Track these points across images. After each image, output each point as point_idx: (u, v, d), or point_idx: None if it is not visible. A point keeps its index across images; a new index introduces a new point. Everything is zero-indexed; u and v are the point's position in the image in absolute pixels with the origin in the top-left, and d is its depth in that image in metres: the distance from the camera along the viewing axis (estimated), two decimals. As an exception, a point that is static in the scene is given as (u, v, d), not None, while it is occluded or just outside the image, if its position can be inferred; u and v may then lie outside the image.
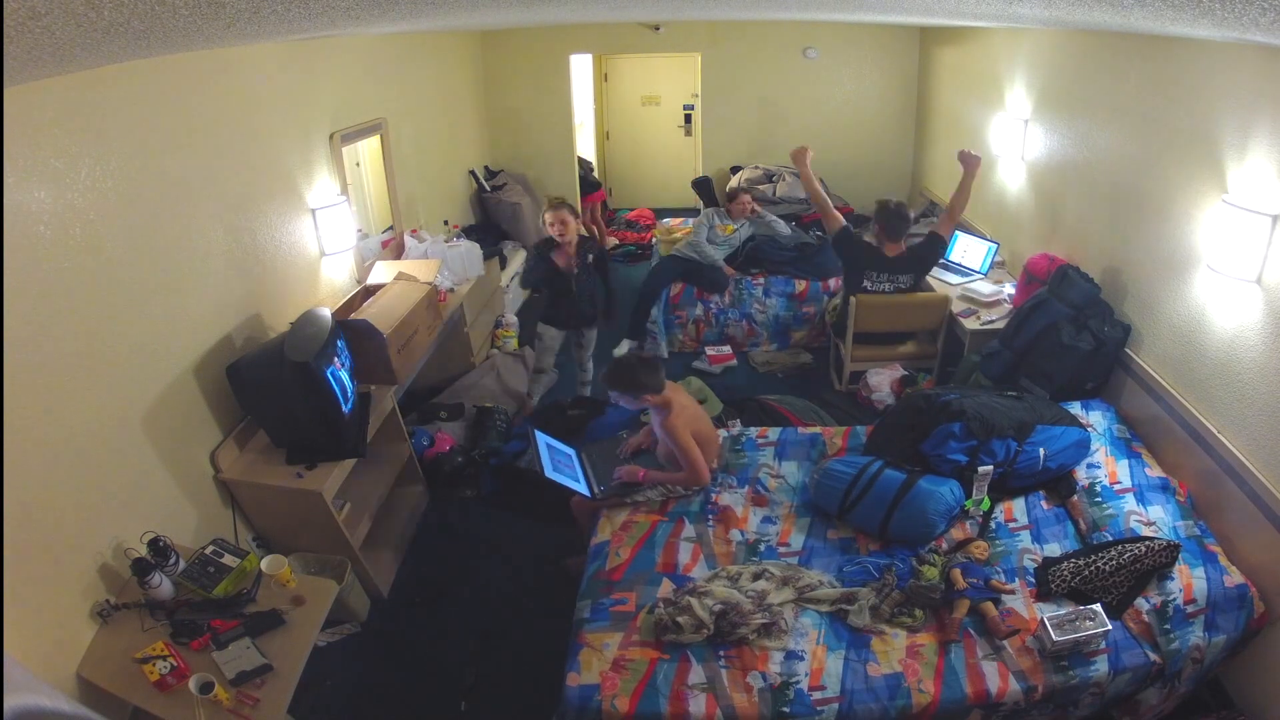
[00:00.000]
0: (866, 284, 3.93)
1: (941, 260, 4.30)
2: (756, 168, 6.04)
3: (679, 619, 2.21)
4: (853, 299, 4.10)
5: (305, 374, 2.40)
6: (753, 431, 3.24)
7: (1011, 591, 2.35)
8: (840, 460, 2.80)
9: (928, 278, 4.36)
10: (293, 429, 2.59)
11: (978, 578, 2.36)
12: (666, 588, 2.41)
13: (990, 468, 2.65)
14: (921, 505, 2.54)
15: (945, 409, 2.78)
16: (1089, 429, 2.84)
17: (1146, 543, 2.31)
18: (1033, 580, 2.40)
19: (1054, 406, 2.89)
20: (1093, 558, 2.34)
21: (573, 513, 2.98)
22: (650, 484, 2.80)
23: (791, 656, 2.17)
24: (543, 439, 2.98)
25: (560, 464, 2.91)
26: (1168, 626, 2.16)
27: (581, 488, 2.83)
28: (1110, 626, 2.15)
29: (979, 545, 2.51)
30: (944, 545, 2.56)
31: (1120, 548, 2.32)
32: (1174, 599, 2.19)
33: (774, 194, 5.69)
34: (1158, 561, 2.27)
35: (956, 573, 2.37)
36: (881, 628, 2.25)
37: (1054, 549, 2.52)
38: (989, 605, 2.28)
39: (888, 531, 2.57)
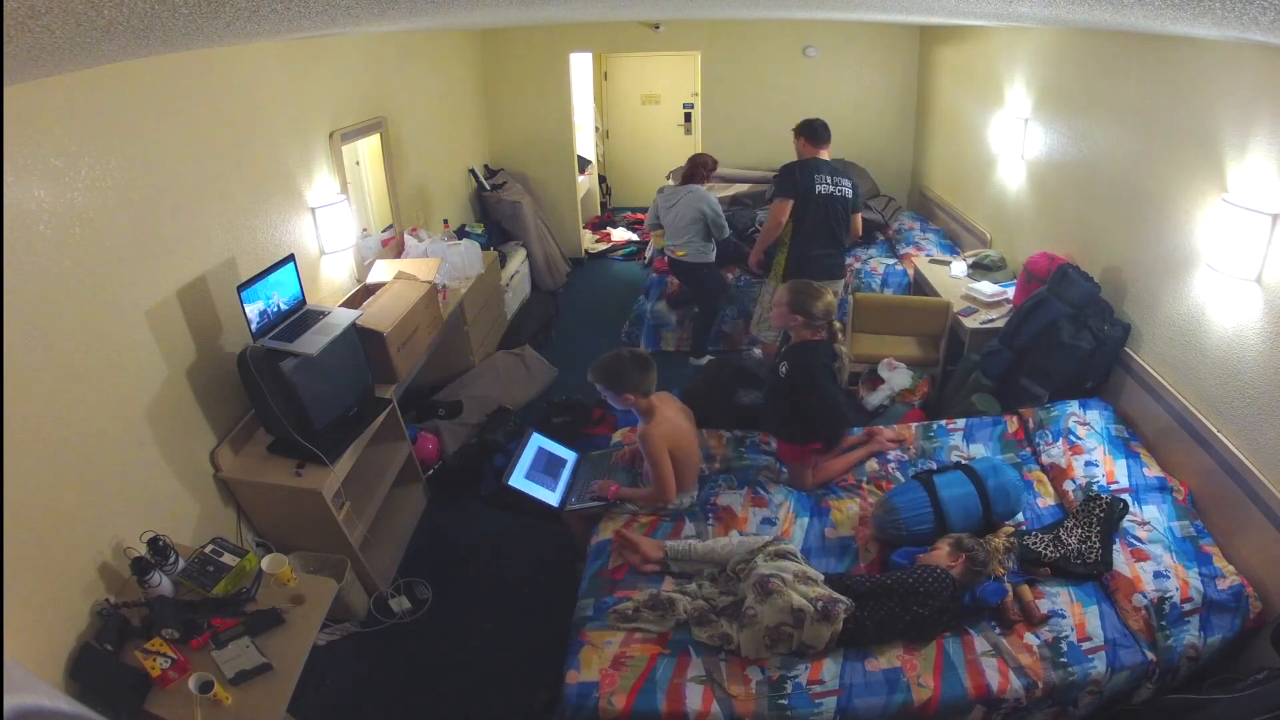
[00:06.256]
0: (820, 189, 3.63)
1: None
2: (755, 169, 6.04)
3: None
4: (850, 298, 4.08)
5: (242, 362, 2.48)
6: (754, 434, 3.24)
7: (1049, 572, 2.38)
8: (897, 492, 2.64)
9: (926, 276, 4.38)
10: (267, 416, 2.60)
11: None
12: (669, 585, 2.41)
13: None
14: (1000, 480, 2.56)
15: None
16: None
17: (1099, 504, 2.47)
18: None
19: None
20: (1056, 530, 2.45)
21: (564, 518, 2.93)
22: (621, 500, 2.73)
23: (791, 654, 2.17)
24: (538, 441, 2.93)
25: (543, 470, 2.83)
26: (1164, 624, 2.16)
27: (548, 497, 2.75)
28: None
29: (1002, 533, 2.53)
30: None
31: (1076, 516, 2.49)
32: (1170, 596, 2.20)
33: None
34: (1113, 513, 2.42)
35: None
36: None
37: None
38: (1024, 589, 2.31)
39: (993, 517, 2.54)
